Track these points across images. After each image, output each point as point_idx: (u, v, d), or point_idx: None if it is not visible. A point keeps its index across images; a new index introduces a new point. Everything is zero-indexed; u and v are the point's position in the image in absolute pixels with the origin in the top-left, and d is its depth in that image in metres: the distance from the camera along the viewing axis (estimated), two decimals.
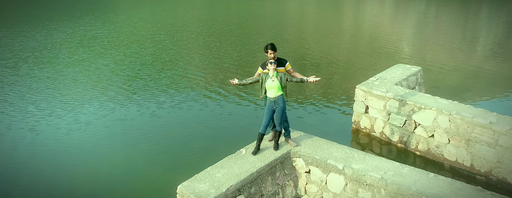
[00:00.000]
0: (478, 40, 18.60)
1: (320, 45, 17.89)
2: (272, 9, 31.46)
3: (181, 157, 7.94)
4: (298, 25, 24.47)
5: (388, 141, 8.14)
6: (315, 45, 17.89)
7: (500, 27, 21.88)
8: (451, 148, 7.04)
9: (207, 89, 11.95)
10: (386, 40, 18.51)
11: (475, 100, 10.61)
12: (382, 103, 7.93)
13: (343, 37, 20.40)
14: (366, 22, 25.27)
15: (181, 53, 16.80)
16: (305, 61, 15.26)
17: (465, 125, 6.68)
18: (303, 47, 17.59)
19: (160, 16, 28.99)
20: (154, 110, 10.34)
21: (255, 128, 9.03)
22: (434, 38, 18.99)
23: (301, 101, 10.80)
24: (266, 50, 5.47)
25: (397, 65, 9.70)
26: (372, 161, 5.39)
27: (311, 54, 16.27)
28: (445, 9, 28.40)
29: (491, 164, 6.54)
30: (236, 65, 14.47)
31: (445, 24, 22.97)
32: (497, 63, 14.30)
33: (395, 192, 4.81)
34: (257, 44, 17.90)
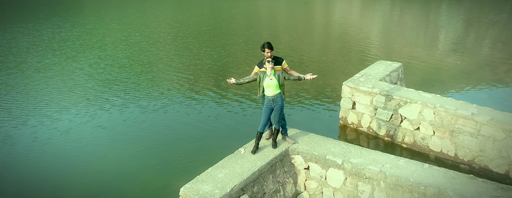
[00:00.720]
0: (439, 36, 19.53)
1: (296, 44, 18.14)
2: (244, 9, 31.47)
3: (173, 160, 7.79)
4: (275, 25, 24.64)
5: (375, 135, 8.40)
6: (294, 44, 18.12)
7: (458, 23, 23.12)
8: (436, 140, 7.38)
9: (192, 91, 11.78)
10: (356, 38, 19.04)
11: (443, 93, 11.14)
12: (369, 99, 8.18)
13: (317, 36, 20.80)
14: (336, 21, 25.87)
15: (160, 55, 16.46)
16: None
17: (449, 117, 7.02)
18: (281, 46, 17.75)
19: (132, 17, 28.25)
20: (138, 114, 10.03)
21: (245, 128, 9.13)
22: (400, 35, 19.77)
23: (286, 99, 10.91)
24: (263, 49, 5.49)
25: (379, 61, 10.03)
26: (369, 154, 5.55)
27: (291, 53, 16.46)
28: (408, 8, 29.64)
29: (474, 153, 6.93)
30: (218, 66, 14.36)
31: (409, 22, 23.97)
32: (457, 58, 15.07)
33: (394, 184, 4.98)
34: (237, 44, 17.87)
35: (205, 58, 15.43)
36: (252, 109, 10.30)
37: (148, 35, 20.95)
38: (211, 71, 13.88)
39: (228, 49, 16.92)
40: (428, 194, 4.75)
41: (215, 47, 17.38)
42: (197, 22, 25.03)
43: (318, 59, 15.48)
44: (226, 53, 16.23)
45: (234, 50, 16.74)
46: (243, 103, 10.70)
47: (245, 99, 11.04)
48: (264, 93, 5.48)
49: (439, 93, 10.45)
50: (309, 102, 10.61)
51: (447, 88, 11.61)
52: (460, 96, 10.62)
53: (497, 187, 4.72)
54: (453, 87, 11.71)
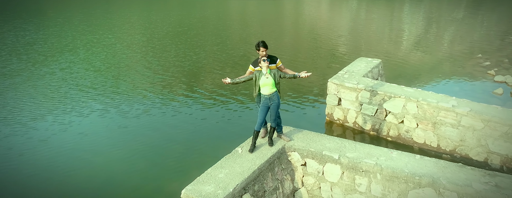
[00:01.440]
0: (407, 33, 20.40)
1: (273, 44, 18.29)
2: (216, 9, 31.23)
3: (161, 163, 7.64)
4: (248, 25, 24.68)
5: (361, 130, 8.66)
6: (271, 44, 18.26)
7: (423, 21, 24.27)
8: (420, 132, 7.72)
9: (174, 94, 11.57)
10: (327, 37, 19.45)
11: (419, 87, 11.64)
12: (354, 94, 8.41)
13: (289, 35, 21.08)
14: (307, 20, 26.27)
15: (136, 57, 16.02)
16: None
17: (431, 109, 7.38)
18: None
19: (103, 18, 27.32)
20: (120, 120, 9.66)
21: (232, 128, 9.11)
22: (370, 33, 20.45)
23: None
24: (258, 48, 5.51)
25: (360, 58, 10.34)
26: (363, 148, 5.72)
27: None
28: (374, 7, 30.71)
29: (455, 143, 7.32)
30: (199, 68, 14.20)
31: (375, 20, 24.85)
32: (426, 53, 15.84)
33: (390, 175, 5.17)
34: (216, 45, 17.72)
35: (184, 60, 15.21)
36: (238, 109, 10.28)
37: (121, 37, 20.35)
38: (192, 72, 13.70)
39: (207, 50, 16.76)
40: (422, 183, 4.97)
41: (194, 48, 17.16)
42: (172, 23, 24.59)
43: (295, 58, 15.71)
44: (205, 54, 16.06)
45: (213, 51, 16.60)
46: (229, 104, 10.66)
47: (230, 99, 11.00)
48: (260, 92, 5.50)
49: (415, 88, 11.00)
50: (294, 100, 10.74)
51: (421, 82, 12.16)
52: (434, 90, 11.11)
53: (484, 174, 5.02)
54: (427, 81, 12.29)
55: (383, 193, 5.27)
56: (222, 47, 17.29)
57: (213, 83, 12.45)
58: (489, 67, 13.18)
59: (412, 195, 5.08)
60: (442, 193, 4.87)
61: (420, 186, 5.00)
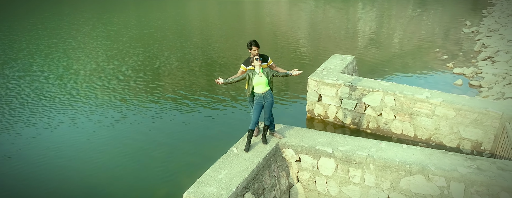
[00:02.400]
0: (362, 30, 21.36)
1: (235, 45, 18.35)
2: (176, 11, 30.56)
3: (146, 168, 7.42)
4: (210, 27, 24.49)
5: (341, 124, 8.97)
6: (232, 45, 18.29)
7: (376, 19, 25.47)
8: (397, 123, 8.16)
9: (151, 98, 11.20)
10: (290, 36, 19.82)
11: (388, 80, 12.32)
12: (334, 90, 8.70)
13: (254, 35, 21.26)
14: (267, 19, 26.37)
15: (103, 61, 15.30)
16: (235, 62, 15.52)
17: (407, 101, 7.82)
18: (227, 48, 17.80)
19: (58, 21, 25.73)
20: (95, 129, 9.14)
21: (217, 128, 9.03)
22: (325, 31, 21.11)
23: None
24: (249, 47, 5.53)
25: (334, 55, 10.68)
26: (353, 141, 5.95)
27: (227, 54, 16.61)
28: (330, 6, 31.78)
29: (430, 132, 7.83)
30: (171, 72, 13.83)
31: (333, 18, 25.72)
32: (383, 49, 16.72)
33: (383, 165, 5.44)
34: (187, 47, 17.35)
35: (154, 64, 14.75)
36: (221, 110, 10.21)
37: (82, 40, 19.33)
38: (163, 76, 13.34)
39: (178, 53, 16.37)
40: (413, 171, 5.28)
41: (164, 51, 16.70)
42: (136, 25, 23.75)
43: None
44: (176, 57, 15.66)
45: (184, 53, 16.27)
46: (210, 104, 10.56)
47: (210, 99, 10.89)
48: (254, 91, 5.53)
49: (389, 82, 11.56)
50: (274, 98, 10.87)
51: (389, 77, 12.83)
52: (402, 83, 11.83)
53: (466, 158, 5.44)
54: (393, 75, 12.98)
55: (376, 183, 5.53)
56: (193, 49, 16.99)
57: (190, 85, 12.25)
58: (447, 61, 14.19)
59: (403, 182, 5.37)
60: (431, 178, 5.21)
61: (410, 174, 5.30)
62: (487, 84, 11.54)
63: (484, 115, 7.10)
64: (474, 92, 11.01)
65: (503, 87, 11.03)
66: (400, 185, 5.40)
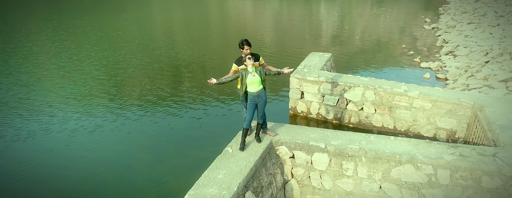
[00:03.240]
0: (327, 29, 22.04)
1: (203, 46, 18.23)
2: (138, 12, 29.78)
3: (130, 174, 7.19)
4: (177, 29, 24.12)
5: (324, 120, 9.20)
6: (201, 46, 18.16)
7: (339, 18, 26.39)
8: (378, 116, 8.51)
9: (131, 101, 10.83)
10: (258, 37, 20.06)
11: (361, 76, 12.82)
12: (316, 87, 8.90)
13: (224, 36, 21.27)
14: (235, 21, 26.41)
15: (70, 66, 14.53)
16: (206, 64, 15.40)
17: (387, 95, 8.18)
18: (191, 50, 17.61)
19: (12, 24, 24.09)
20: (69, 141, 8.56)
21: (199, 132, 8.92)
22: (295, 31, 21.59)
23: (230, 97, 11.00)
24: (241, 47, 5.52)
25: (312, 53, 10.92)
26: (344, 135, 6.14)
27: (208, 55, 16.49)
28: (294, 6, 32.44)
29: (409, 123, 8.24)
30: (146, 75, 13.43)
31: (299, 18, 26.32)
32: (345, 47, 17.36)
33: (374, 157, 5.66)
34: (158, 49, 16.92)
35: (127, 67, 14.26)
36: (203, 111, 10.10)
37: (44, 44, 18.27)
38: (137, 80, 12.93)
39: (150, 55, 15.91)
40: (403, 160, 5.54)
41: (136, 54, 16.17)
42: (100, 27, 22.80)
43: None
44: (149, 60, 15.18)
45: (156, 55, 15.85)
46: (192, 104, 10.39)
47: (191, 100, 10.73)
48: (247, 90, 5.54)
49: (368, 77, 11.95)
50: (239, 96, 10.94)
51: (364, 72, 13.32)
52: (377, 78, 12.33)
53: (449, 146, 5.79)
54: (367, 71, 13.49)
55: (368, 174, 5.74)
56: (165, 51, 16.60)
57: (164, 87, 11.99)
58: (414, 56, 14.97)
59: (394, 172, 5.62)
60: (419, 167, 5.50)
61: (400, 164, 5.56)
62: (452, 77, 12.32)
63: (457, 105, 7.59)
64: (441, 85, 11.72)
65: (467, 79, 11.83)
66: (391, 175, 5.64)
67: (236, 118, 9.48)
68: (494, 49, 14.18)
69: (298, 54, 15.06)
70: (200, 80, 12.50)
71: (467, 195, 5.43)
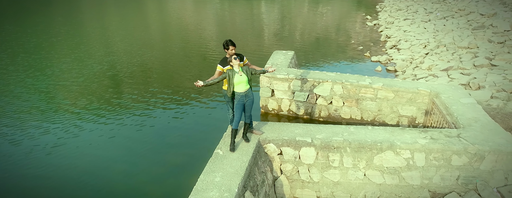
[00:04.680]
0: (263, 29, 22.72)
1: (153, 49, 17.69)
2: (76, 14, 27.89)
3: (107, 184, 6.75)
4: (116, 33, 23.02)
5: (295, 116, 9.46)
6: (148, 50, 17.58)
7: (285, 17, 27.37)
8: (346, 109, 8.98)
9: (106, 106, 10.07)
10: (208, 40, 20.06)
11: None
12: (286, 84, 9.11)
13: (170, 40, 20.81)
14: (174, 24, 25.68)
15: (33, 73, 13.01)
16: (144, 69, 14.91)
17: (353, 88, 8.67)
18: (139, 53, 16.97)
19: None
20: (48, 152, 7.88)
21: (174, 137, 8.63)
22: (233, 30, 21.84)
23: (198, 98, 10.79)
24: (227, 47, 5.47)
25: (276, 52, 11.13)
26: (326, 129, 6.39)
27: (158, 60, 15.99)
28: (236, 6, 32.82)
29: (374, 113, 8.82)
30: (116, 80, 12.58)
31: (238, 18, 26.70)
32: (299, 45, 18.11)
33: (358, 147, 5.98)
34: (111, 55, 15.86)
35: (79, 76, 13.21)
36: (179, 116, 9.76)
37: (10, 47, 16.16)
38: (103, 86, 12.08)
39: (108, 61, 14.87)
40: (383, 148, 5.94)
41: (83, 61, 15.02)
42: (56, 33, 20.74)
43: (182, 62, 15.65)
44: (108, 66, 14.19)
45: (116, 62, 14.87)
46: (166, 107, 9.99)
47: (166, 102, 10.30)
48: (235, 90, 5.50)
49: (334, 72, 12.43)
50: (222, 98, 10.82)
51: (322, 67, 13.91)
52: None
53: (420, 131, 6.34)
54: (324, 66, 14.12)
55: (353, 164, 6.05)
56: (118, 58, 15.70)
57: (134, 90, 11.37)
58: (363, 51, 16.00)
59: (376, 159, 6.00)
60: (398, 152, 5.94)
61: (382, 151, 5.95)
62: (400, 69, 13.41)
63: (416, 93, 8.31)
64: (392, 77, 12.70)
65: (413, 70, 12.97)
66: (374, 162, 6.02)
67: (207, 120, 9.36)
68: (431, 42, 15.72)
69: (259, 53, 15.25)
70: (142, 88, 11.85)
71: (440, 174, 6.00)
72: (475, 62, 11.91)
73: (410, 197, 6.13)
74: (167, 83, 12.18)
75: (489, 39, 14.26)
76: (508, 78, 10.15)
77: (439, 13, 21.28)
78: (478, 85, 10.12)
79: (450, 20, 18.92)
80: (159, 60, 15.02)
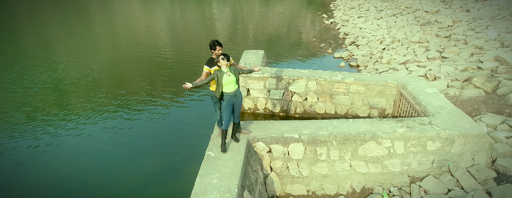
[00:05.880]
0: (215, 29, 22.84)
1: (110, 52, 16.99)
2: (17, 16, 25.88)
3: None
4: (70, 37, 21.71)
5: (271, 114, 9.58)
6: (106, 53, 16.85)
7: (234, 18, 27.53)
8: (320, 104, 9.27)
9: (79, 112, 9.35)
10: (162, 43, 19.65)
11: None
12: (262, 83, 9.19)
13: (120, 41, 20.10)
14: (122, 25, 24.70)
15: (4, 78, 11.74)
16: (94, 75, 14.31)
17: (327, 84, 8.98)
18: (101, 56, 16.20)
19: None
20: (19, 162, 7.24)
21: (147, 145, 8.34)
22: (185, 32, 21.65)
23: (179, 99, 10.50)
24: (213, 48, 5.40)
25: (246, 51, 11.16)
26: (311, 124, 6.56)
27: (118, 66, 15.36)
28: (187, 6, 32.48)
29: (347, 107, 9.21)
30: (92, 83, 11.74)
31: (190, 19, 26.49)
32: (264, 44, 18.40)
33: (343, 139, 6.23)
34: (76, 62, 14.77)
35: (64, 78, 12.21)
36: (159, 120, 9.40)
37: None
38: (79, 89, 11.25)
39: (76, 67, 13.90)
40: (366, 138, 6.24)
41: (36, 68, 13.91)
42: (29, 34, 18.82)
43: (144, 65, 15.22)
44: (77, 72, 13.30)
45: (89, 66, 13.92)
46: (143, 109, 9.56)
47: (142, 105, 9.85)
48: (224, 90, 5.46)
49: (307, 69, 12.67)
50: (198, 98, 10.65)
51: (290, 65, 14.20)
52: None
53: (396, 120, 6.75)
54: (293, 64, 14.43)
55: (340, 156, 6.29)
56: (96, 58, 14.73)
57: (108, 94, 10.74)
58: (325, 48, 16.59)
59: (361, 150, 6.29)
60: (380, 142, 6.28)
61: (365, 142, 6.25)
62: (362, 64, 14.12)
63: (385, 86, 8.82)
64: (355, 71, 13.33)
65: (374, 64, 13.73)
66: (358, 153, 6.30)
67: (179, 120, 9.16)
68: (386, 38, 16.73)
69: None
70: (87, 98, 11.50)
71: (417, 159, 6.44)
72: (428, 55, 12.89)
73: (392, 183, 6.51)
74: (117, 89, 11.67)
75: (437, 34, 15.51)
76: (459, 68, 11.13)
77: (388, 11, 22.70)
78: (434, 76, 10.97)
79: (400, 17, 20.27)
80: (107, 66, 14.32)
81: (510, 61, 10.49)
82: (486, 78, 9.57)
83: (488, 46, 12.38)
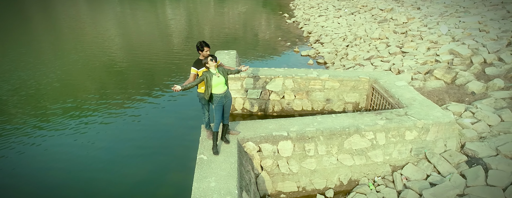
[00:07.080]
0: (171, 31, 22.56)
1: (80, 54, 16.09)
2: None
3: None
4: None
5: (250, 113, 9.57)
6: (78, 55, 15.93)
7: (182, 19, 27.25)
8: (297, 101, 9.43)
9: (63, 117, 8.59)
10: (101, 42, 19.09)
11: None
12: (239, 83, 9.16)
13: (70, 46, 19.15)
14: (67, 28, 23.51)
15: None
16: None
17: (303, 81, 9.16)
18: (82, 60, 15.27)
19: None
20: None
21: (127, 152, 7.97)
22: (138, 33, 21.18)
23: (155, 101, 10.11)
24: (201, 49, 5.28)
25: (218, 52, 11.05)
26: (297, 121, 6.66)
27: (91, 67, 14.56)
28: (137, 7, 31.66)
29: (324, 103, 9.47)
30: (75, 87, 10.82)
31: (142, 21, 25.92)
32: (230, 44, 18.54)
33: (330, 134, 6.39)
34: (57, 68, 13.67)
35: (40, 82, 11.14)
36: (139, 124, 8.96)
37: None
38: (57, 93, 10.35)
39: (60, 71, 12.79)
40: (351, 132, 6.46)
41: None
42: None
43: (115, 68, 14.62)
44: (60, 75, 12.28)
45: (70, 72, 12.85)
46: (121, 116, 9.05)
47: (123, 109, 9.32)
48: (213, 92, 5.36)
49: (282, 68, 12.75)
50: (175, 100, 10.35)
51: (259, 64, 14.26)
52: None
53: (376, 113, 7.06)
54: (263, 62, 14.51)
55: (327, 150, 6.45)
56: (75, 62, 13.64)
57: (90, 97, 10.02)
58: (291, 46, 16.89)
59: (346, 144, 6.50)
60: (364, 135, 6.53)
61: (350, 135, 6.47)
62: (329, 61, 14.57)
63: (358, 81, 9.18)
64: (323, 68, 13.74)
65: (340, 61, 14.23)
66: (344, 146, 6.50)
67: (154, 123, 8.88)
68: (348, 35, 17.41)
69: (186, 57, 14.87)
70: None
71: (397, 149, 6.79)
72: (390, 51, 13.62)
73: (376, 173, 6.81)
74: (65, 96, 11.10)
75: (394, 30, 16.43)
76: (419, 62, 11.88)
77: (346, 9, 23.65)
78: (398, 70, 11.62)
79: (358, 15, 21.20)
80: (51, 76, 13.49)
81: (463, 53, 11.41)
82: (445, 70, 10.32)
83: (442, 40, 13.35)
